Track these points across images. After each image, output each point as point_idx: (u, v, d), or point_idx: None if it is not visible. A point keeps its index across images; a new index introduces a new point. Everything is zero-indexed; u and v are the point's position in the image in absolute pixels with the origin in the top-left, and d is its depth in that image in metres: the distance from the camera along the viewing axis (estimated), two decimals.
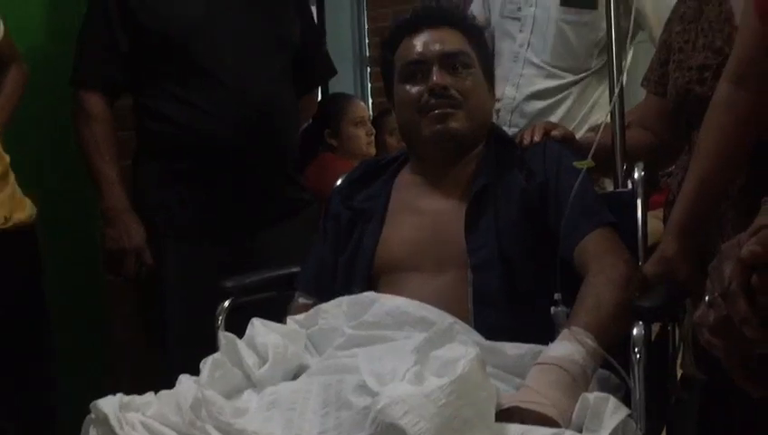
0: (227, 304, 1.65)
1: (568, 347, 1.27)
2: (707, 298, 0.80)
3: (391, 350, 1.26)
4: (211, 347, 1.46)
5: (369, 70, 4.48)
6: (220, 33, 2.10)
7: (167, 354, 2.07)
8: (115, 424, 1.19)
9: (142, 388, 1.30)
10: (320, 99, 3.11)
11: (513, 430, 1.12)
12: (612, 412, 1.16)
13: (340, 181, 1.73)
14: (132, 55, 2.11)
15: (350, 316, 1.42)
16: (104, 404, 1.22)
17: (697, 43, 1.51)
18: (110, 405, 1.21)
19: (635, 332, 1.27)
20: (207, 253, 2.07)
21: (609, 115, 1.66)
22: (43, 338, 2.08)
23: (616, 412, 1.16)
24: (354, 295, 1.46)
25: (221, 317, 1.64)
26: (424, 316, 1.36)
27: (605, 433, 1.13)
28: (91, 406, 1.23)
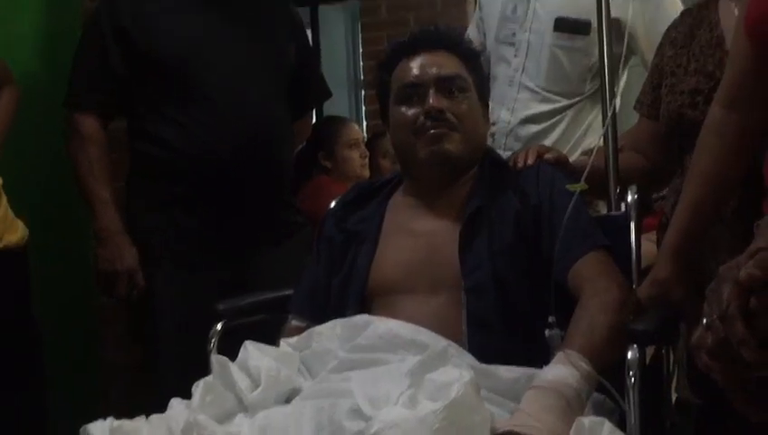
0: (220, 327, 1.64)
1: (562, 370, 1.27)
2: (705, 321, 0.80)
3: (385, 373, 1.25)
4: (203, 370, 1.45)
5: (363, 92, 4.49)
6: (216, 57, 2.10)
7: (159, 377, 2.05)
8: None
9: (134, 411, 1.29)
10: (314, 121, 3.12)
11: None
12: None
13: (333, 203, 1.73)
14: (127, 77, 2.11)
15: (343, 339, 1.40)
16: (94, 429, 1.20)
17: (689, 67, 1.52)
18: (100, 430, 1.20)
19: (629, 355, 1.26)
20: (201, 276, 2.06)
21: (602, 138, 1.67)
22: (34, 362, 2.07)
23: None
24: (348, 318, 1.45)
25: (213, 340, 1.62)
26: (418, 339, 1.35)
27: None
28: (81, 430, 1.22)
